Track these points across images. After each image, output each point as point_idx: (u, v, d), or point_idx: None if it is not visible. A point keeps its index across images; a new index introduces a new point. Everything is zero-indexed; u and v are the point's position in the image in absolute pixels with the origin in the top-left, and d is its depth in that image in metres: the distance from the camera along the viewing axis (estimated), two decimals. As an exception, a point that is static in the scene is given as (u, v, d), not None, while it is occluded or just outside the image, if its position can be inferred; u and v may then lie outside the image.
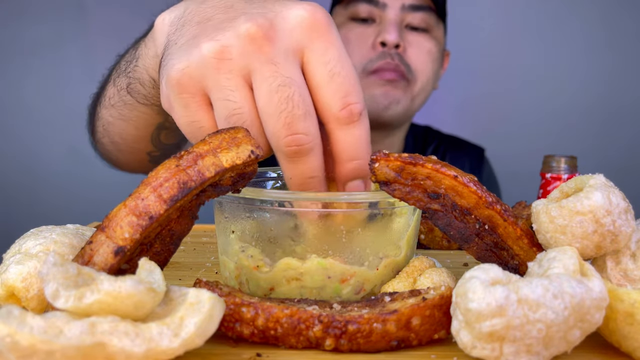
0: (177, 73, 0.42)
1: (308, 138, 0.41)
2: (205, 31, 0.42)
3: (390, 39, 1.02)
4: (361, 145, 0.43)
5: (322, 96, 0.42)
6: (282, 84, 0.40)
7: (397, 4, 1.04)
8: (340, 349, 0.36)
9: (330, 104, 0.42)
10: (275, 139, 0.41)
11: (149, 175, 0.37)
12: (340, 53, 0.42)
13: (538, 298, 0.31)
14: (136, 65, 0.61)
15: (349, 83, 0.42)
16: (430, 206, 0.42)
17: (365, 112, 0.43)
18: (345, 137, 0.42)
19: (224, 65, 0.41)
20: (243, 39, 0.41)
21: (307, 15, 0.41)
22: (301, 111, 0.40)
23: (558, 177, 0.84)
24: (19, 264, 0.38)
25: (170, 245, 0.40)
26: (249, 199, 0.44)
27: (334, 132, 0.43)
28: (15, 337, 0.27)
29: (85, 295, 0.30)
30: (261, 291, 0.45)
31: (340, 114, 0.42)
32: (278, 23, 0.41)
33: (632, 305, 0.34)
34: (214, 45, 0.41)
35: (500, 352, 0.32)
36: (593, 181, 0.39)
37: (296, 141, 0.41)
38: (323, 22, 0.42)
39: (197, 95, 0.42)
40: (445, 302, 0.36)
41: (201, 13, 0.45)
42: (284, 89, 0.40)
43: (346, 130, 0.42)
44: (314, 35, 0.42)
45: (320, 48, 0.42)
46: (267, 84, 0.40)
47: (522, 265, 0.42)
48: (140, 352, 0.29)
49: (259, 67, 0.41)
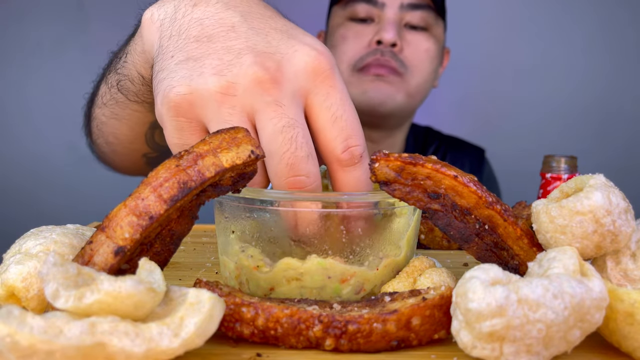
0: (176, 97, 0.42)
1: (310, 180, 0.42)
2: (208, 57, 0.43)
3: (388, 38, 1.02)
4: (361, 185, 0.44)
5: (325, 138, 0.43)
6: (287, 125, 0.41)
7: (395, 3, 1.04)
8: (340, 349, 0.36)
9: (332, 146, 0.43)
10: (277, 179, 0.42)
11: (149, 175, 0.37)
12: (342, 97, 0.43)
13: (538, 298, 0.31)
14: (125, 62, 0.60)
15: (351, 127, 0.43)
16: (430, 206, 0.42)
17: (365, 154, 0.44)
18: (346, 178, 0.44)
19: (228, 100, 0.42)
20: (250, 80, 0.41)
21: (311, 60, 0.43)
22: (304, 153, 0.41)
23: (558, 177, 0.84)
24: (19, 264, 0.38)
25: (170, 245, 0.41)
26: (249, 199, 0.44)
27: (335, 173, 0.44)
28: (15, 337, 0.27)
29: (85, 295, 0.30)
30: (261, 291, 0.45)
31: (342, 156, 0.43)
32: (285, 66, 0.42)
33: (632, 305, 0.34)
34: (220, 80, 0.41)
35: (500, 352, 0.32)
36: (593, 181, 0.39)
37: (298, 183, 0.42)
38: (327, 66, 0.43)
39: (193, 121, 0.43)
40: (445, 302, 0.36)
41: (198, 24, 0.45)
42: (288, 130, 0.41)
43: (347, 171, 0.44)
44: (318, 80, 0.43)
45: (323, 92, 0.43)
46: (272, 124, 0.41)
47: (522, 265, 0.42)
48: (140, 352, 0.29)
49: (264, 107, 0.41)
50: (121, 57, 0.62)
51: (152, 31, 0.48)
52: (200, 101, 0.42)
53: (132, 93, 0.63)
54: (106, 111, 0.71)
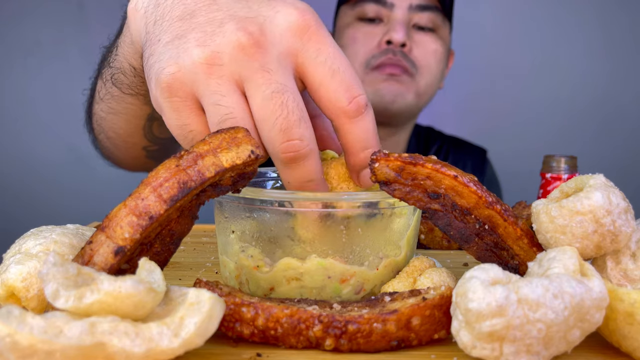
0: (167, 77, 0.42)
1: (304, 143, 0.41)
2: (192, 32, 0.42)
3: (397, 38, 1.03)
4: (370, 134, 0.44)
5: (326, 93, 0.42)
6: (276, 90, 0.40)
7: (404, 3, 1.05)
8: (340, 349, 0.36)
9: (336, 99, 0.42)
10: (272, 145, 0.41)
11: (149, 175, 0.37)
12: (334, 50, 0.43)
13: (538, 298, 0.31)
14: (116, 54, 0.60)
15: (350, 77, 0.42)
16: (430, 206, 0.42)
17: (369, 103, 0.43)
18: (355, 129, 0.43)
19: (215, 70, 0.41)
20: (234, 47, 0.41)
21: (295, 18, 0.42)
22: (296, 117, 0.41)
23: (558, 177, 0.84)
24: (19, 264, 0.38)
25: (170, 245, 0.40)
26: (249, 199, 0.44)
27: (343, 126, 0.43)
28: (15, 337, 0.27)
29: (85, 295, 0.30)
30: (261, 291, 0.45)
31: (349, 107, 0.42)
32: (267, 28, 0.41)
33: (632, 305, 0.34)
34: (204, 50, 0.41)
35: (500, 352, 0.32)
36: (593, 181, 0.39)
37: (292, 147, 0.41)
38: (311, 22, 0.42)
39: (187, 100, 0.42)
40: (445, 302, 0.36)
41: (180, 4, 0.44)
42: (278, 96, 0.40)
43: (355, 122, 0.43)
44: (305, 38, 0.42)
45: (313, 49, 0.42)
46: (261, 91, 0.41)
47: (522, 265, 0.42)
48: (140, 352, 0.29)
49: (251, 74, 0.41)
50: (112, 51, 0.62)
51: (137, 20, 0.48)
52: (189, 76, 0.41)
53: (125, 85, 0.63)
54: (104, 106, 0.71)
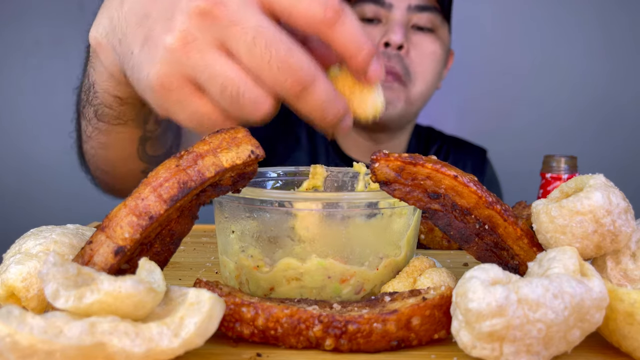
0: (154, 78, 0.42)
1: (305, 70, 0.41)
2: (154, 27, 0.42)
3: (395, 40, 1.02)
4: (358, 33, 0.43)
5: (299, 13, 0.42)
6: (254, 35, 0.40)
7: (403, 4, 1.05)
8: (340, 349, 0.36)
9: (311, 14, 0.42)
10: (278, 87, 0.41)
11: (149, 175, 0.37)
12: None
13: (538, 298, 0.31)
14: (96, 92, 0.60)
15: None
16: (430, 206, 0.42)
17: (345, 4, 0.43)
18: (342, 34, 0.43)
19: (192, 47, 0.41)
20: (197, 17, 0.41)
21: None
22: (285, 49, 0.40)
23: (558, 177, 0.84)
24: (19, 264, 0.38)
25: (170, 245, 0.40)
26: (249, 199, 0.44)
27: (330, 36, 0.43)
28: (15, 337, 0.27)
29: (85, 295, 0.30)
30: (261, 291, 0.45)
31: (326, 16, 0.42)
32: None
33: (632, 305, 0.34)
34: (174, 35, 0.41)
35: (500, 352, 0.32)
36: (593, 181, 0.39)
37: (297, 80, 0.41)
38: None
39: (184, 87, 0.42)
40: (445, 302, 0.36)
41: (132, 14, 0.44)
42: (258, 40, 0.40)
43: (339, 27, 0.42)
44: None
45: None
46: (242, 44, 0.40)
47: (522, 265, 0.42)
48: (140, 352, 0.29)
49: (225, 33, 0.41)
50: (89, 89, 0.61)
51: (104, 49, 0.48)
52: (173, 66, 0.42)
53: (113, 117, 0.63)
54: (93, 143, 0.71)
